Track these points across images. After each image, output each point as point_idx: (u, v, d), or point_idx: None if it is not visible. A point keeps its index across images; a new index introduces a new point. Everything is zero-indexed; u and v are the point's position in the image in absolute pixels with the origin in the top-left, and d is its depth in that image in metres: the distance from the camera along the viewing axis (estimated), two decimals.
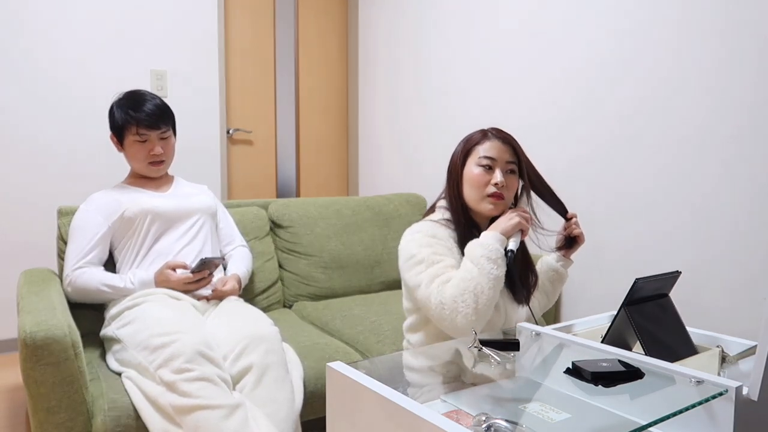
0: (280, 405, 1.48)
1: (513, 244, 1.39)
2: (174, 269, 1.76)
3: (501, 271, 1.35)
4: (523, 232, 1.43)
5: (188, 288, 1.77)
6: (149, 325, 1.55)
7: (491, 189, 1.45)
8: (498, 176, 1.45)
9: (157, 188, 1.97)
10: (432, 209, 1.58)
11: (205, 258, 1.76)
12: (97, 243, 1.81)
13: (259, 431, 1.39)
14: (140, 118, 1.84)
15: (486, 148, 1.48)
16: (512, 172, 1.49)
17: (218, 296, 1.84)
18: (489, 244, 1.36)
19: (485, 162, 1.46)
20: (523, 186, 1.53)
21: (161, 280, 1.75)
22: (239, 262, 2.03)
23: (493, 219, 1.53)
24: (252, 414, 1.43)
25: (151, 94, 1.92)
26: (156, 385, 1.44)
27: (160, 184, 1.99)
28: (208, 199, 2.03)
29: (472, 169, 1.48)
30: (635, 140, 2.08)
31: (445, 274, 1.38)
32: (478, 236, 1.48)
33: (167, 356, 1.44)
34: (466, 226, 1.50)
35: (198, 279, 1.78)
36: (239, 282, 1.95)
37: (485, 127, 1.54)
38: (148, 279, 1.75)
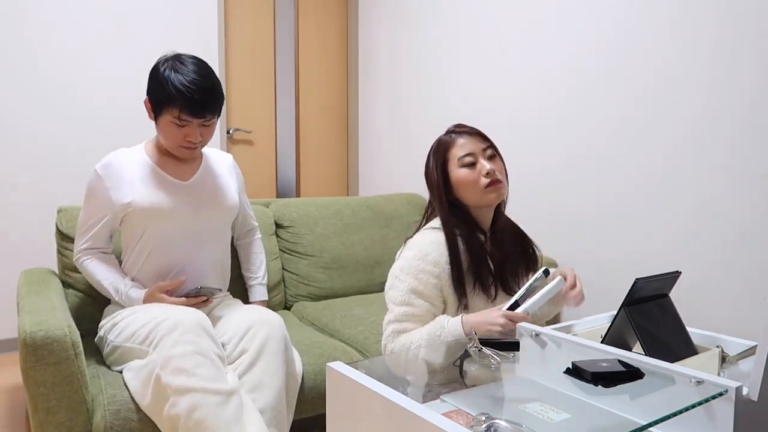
0: (268, 391, 1.47)
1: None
2: (167, 292, 1.68)
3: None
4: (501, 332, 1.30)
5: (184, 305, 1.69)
6: (140, 318, 1.55)
7: (485, 180, 1.43)
8: (486, 165, 1.44)
9: (182, 173, 1.76)
10: (430, 211, 1.55)
11: (202, 288, 1.69)
12: (105, 224, 1.73)
13: (251, 425, 1.39)
14: (184, 105, 1.57)
15: (460, 147, 1.47)
16: (492, 156, 1.48)
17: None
18: (459, 337, 1.32)
19: (467, 160, 1.45)
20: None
21: (151, 302, 1.67)
22: (261, 287, 2.00)
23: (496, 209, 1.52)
24: (245, 403, 1.42)
25: (204, 68, 1.62)
26: (153, 363, 1.41)
27: (187, 166, 1.78)
28: (230, 201, 1.83)
29: (458, 174, 1.46)
30: (635, 140, 2.08)
31: (405, 323, 1.40)
32: (483, 236, 1.47)
33: (165, 330, 1.43)
34: (469, 230, 1.47)
35: (193, 303, 1.70)
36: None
37: (442, 135, 1.52)
38: (138, 300, 1.69)
